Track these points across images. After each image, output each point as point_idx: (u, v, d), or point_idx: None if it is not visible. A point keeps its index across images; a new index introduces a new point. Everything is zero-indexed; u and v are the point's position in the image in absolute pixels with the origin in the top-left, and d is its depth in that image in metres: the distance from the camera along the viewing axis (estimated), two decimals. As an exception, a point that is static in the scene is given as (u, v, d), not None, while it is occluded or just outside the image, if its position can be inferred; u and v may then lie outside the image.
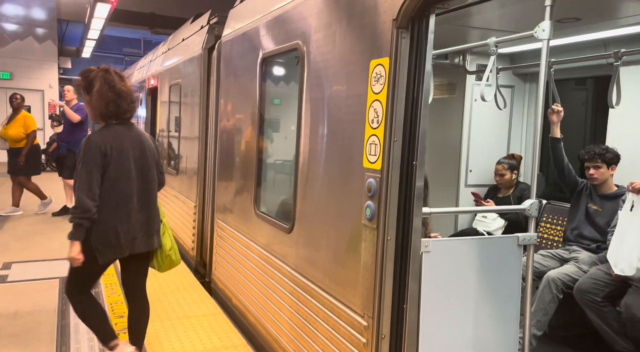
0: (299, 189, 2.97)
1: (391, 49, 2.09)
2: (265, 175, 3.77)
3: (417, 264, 2.14)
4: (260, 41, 3.61)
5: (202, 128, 5.39)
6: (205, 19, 5.56)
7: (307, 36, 2.88)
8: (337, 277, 2.51)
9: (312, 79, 2.84)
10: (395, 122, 2.11)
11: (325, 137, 2.68)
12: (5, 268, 4.83)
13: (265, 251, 3.48)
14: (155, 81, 8.17)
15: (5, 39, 15.11)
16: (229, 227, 4.33)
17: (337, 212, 2.54)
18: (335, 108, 2.58)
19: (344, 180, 2.49)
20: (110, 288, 4.43)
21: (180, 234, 6.18)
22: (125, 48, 22.60)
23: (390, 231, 2.15)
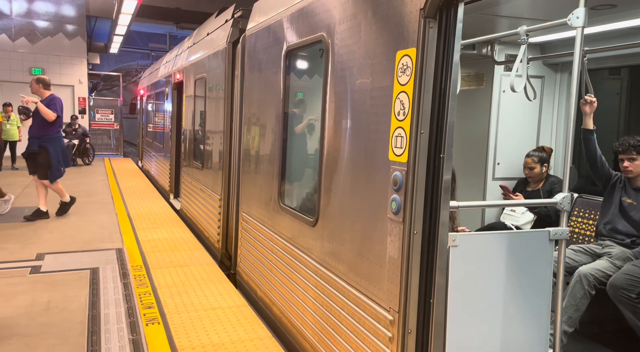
0: (324, 182, 2.95)
1: (418, 39, 2.05)
2: (289, 168, 3.77)
3: (444, 258, 2.11)
4: (285, 34, 3.60)
5: (227, 122, 5.43)
6: (230, 13, 5.58)
7: (332, 28, 2.85)
8: (362, 271, 2.49)
9: (336, 71, 2.81)
10: (422, 114, 2.07)
11: (349, 130, 2.66)
12: (38, 259, 4.98)
13: (289, 244, 3.49)
14: (181, 76, 8.26)
15: (37, 36, 15.51)
16: (253, 220, 4.36)
17: (362, 206, 2.51)
18: (360, 100, 2.55)
19: (369, 173, 2.47)
20: (138, 279, 4.52)
21: (206, 226, 6.26)
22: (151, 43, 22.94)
23: (417, 224, 2.12)
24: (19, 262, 4.86)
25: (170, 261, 5.17)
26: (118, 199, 8.64)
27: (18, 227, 6.22)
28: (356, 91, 2.58)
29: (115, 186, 10.13)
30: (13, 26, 15.17)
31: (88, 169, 12.99)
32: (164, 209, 8.05)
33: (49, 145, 6.63)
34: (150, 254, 5.38)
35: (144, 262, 5.06)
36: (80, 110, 16.16)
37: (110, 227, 6.50)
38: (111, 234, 6.16)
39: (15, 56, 15.27)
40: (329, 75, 2.89)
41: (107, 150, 19.06)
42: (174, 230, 6.57)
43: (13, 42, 15.19)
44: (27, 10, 15.30)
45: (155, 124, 12.08)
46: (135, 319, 3.62)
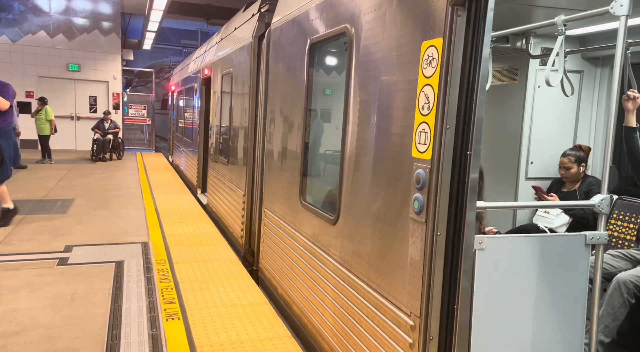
0: (345, 179, 2.86)
1: (445, 29, 1.92)
2: (311, 164, 3.69)
3: (469, 262, 1.98)
4: (309, 26, 3.51)
5: (252, 117, 5.39)
6: (256, 7, 5.53)
7: (356, 19, 2.74)
8: (382, 272, 2.38)
9: (360, 64, 2.70)
10: (447, 108, 1.95)
11: (372, 125, 2.55)
12: (66, 251, 5.07)
13: (310, 242, 3.41)
14: (209, 71, 8.30)
15: (74, 33, 15.94)
16: (275, 216, 4.30)
17: (383, 204, 2.41)
18: (383, 94, 2.44)
19: (391, 170, 2.35)
20: (161, 274, 4.54)
21: (230, 221, 6.26)
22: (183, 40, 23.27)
23: (441, 225, 2.00)
24: (48, 253, 4.96)
25: (194, 255, 5.18)
26: (147, 193, 8.76)
27: (51, 219, 6.37)
28: (380, 85, 2.47)
29: (145, 180, 10.29)
30: (52, 23, 15.63)
31: (119, 163, 13.28)
32: (191, 203, 8.12)
33: (1, 140, 5.68)
34: (175, 248, 5.40)
35: (168, 257, 5.08)
36: (114, 105, 16.53)
37: (137, 221, 6.58)
38: (138, 227, 6.24)
39: (54, 52, 15.73)
40: (352, 69, 2.78)
41: (140, 145, 19.45)
42: (199, 225, 6.60)
43: (52, 38, 15.66)
44: (65, 8, 15.74)
45: (185, 119, 12.23)
46: (155, 314, 3.61)
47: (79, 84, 16.31)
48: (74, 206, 7.26)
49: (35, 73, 15.57)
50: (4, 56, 15.17)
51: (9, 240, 5.31)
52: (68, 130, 16.10)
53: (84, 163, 12.74)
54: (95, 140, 13.54)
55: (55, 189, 8.58)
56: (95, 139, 13.56)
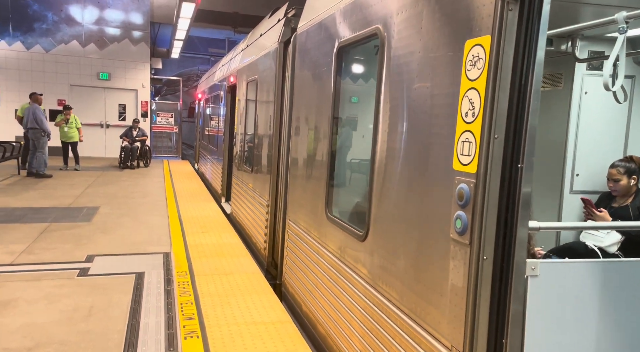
0: (375, 193, 2.63)
1: (494, 25, 1.69)
2: (338, 175, 3.47)
3: (520, 290, 1.73)
4: (337, 29, 3.31)
5: (276, 124, 5.22)
6: (282, 12, 5.38)
7: (389, 19, 2.53)
8: (418, 298, 2.14)
9: (392, 67, 2.48)
10: (496, 115, 1.71)
11: (406, 134, 2.32)
12: (88, 261, 4.99)
13: (336, 259, 3.19)
14: (234, 78, 8.21)
15: (105, 42, 16.24)
16: (299, 229, 4.10)
17: (419, 222, 2.17)
18: (419, 100, 2.21)
19: (427, 184, 2.12)
20: (182, 287, 4.38)
21: (254, 232, 6.09)
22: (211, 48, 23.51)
23: (487, 248, 1.75)
24: (69, 263, 4.87)
25: (215, 267, 5.02)
26: (171, 201, 8.71)
27: (75, 228, 6.33)
28: (415, 90, 2.25)
29: (170, 188, 10.27)
30: (84, 33, 15.97)
31: (146, 170, 13.35)
32: (215, 212, 8.00)
33: None
34: (197, 259, 5.26)
35: (190, 269, 4.93)
36: (142, 113, 16.72)
37: (160, 230, 6.48)
38: (160, 237, 6.13)
39: (85, 61, 16.05)
40: (384, 72, 2.57)
41: (167, 153, 19.63)
42: (222, 235, 6.46)
43: (83, 48, 15.98)
44: (97, 18, 16.06)
45: (211, 127, 12.22)
46: (174, 331, 3.45)
47: (108, 92, 16.58)
48: (98, 214, 7.23)
49: (67, 82, 15.90)
50: (37, 65, 15.56)
51: (31, 249, 5.27)
52: (97, 137, 16.36)
53: (112, 170, 12.86)
54: (123, 147, 13.67)
55: (81, 197, 8.61)
56: (123, 146, 13.70)
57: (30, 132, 10.60)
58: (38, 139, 10.59)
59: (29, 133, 10.62)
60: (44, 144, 10.71)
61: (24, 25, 15.32)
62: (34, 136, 10.57)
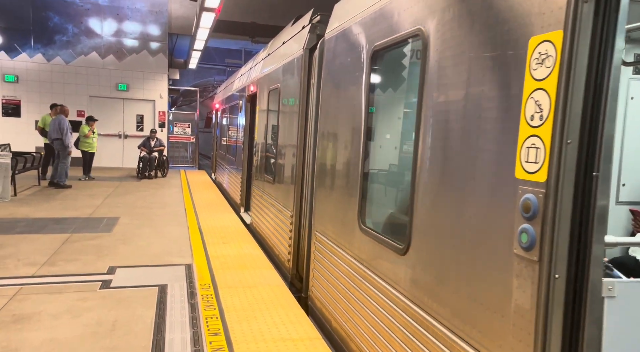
0: (418, 203, 2.47)
1: (566, 19, 1.54)
2: (372, 184, 3.32)
3: (596, 312, 1.55)
4: (370, 32, 3.18)
5: (301, 133, 5.10)
6: (307, 18, 5.29)
7: (432, 19, 2.39)
8: (472, 318, 1.97)
9: (437, 69, 2.34)
10: (569, 118, 1.55)
11: (455, 140, 2.16)
12: (110, 273, 4.89)
13: (371, 273, 3.02)
14: (255, 88, 8.14)
15: (124, 54, 16.40)
16: (328, 241, 3.94)
17: (472, 235, 2.00)
18: (471, 103, 2.06)
19: (482, 194, 1.95)
20: (206, 300, 4.25)
21: (276, 243, 5.95)
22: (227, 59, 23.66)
23: (560, 265, 1.58)
24: (91, 275, 4.78)
25: (238, 280, 4.88)
26: (190, 211, 8.62)
27: (96, 239, 6.26)
28: (466, 92, 2.09)
29: (188, 198, 10.21)
30: (103, 45, 16.15)
31: (164, 180, 13.34)
32: (235, 222, 7.89)
33: None
34: (219, 271, 5.12)
35: (213, 281, 4.80)
36: (159, 123, 16.80)
37: (181, 241, 6.38)
38: (181, 248, 6.03)
39: (104, 73, 16.20)
40: (428, 74, 2.42)
41: (184, 163, 19.68)
42: (243, 246, 6.33)
43: (102, 59, 16.15)
44: (116, 30, 16.24)
45: (229, 136, 12.17)
46: (200, 348, 3.30)
47: (127, 103, 16.70)
48: (119, 224, 7.16)
49: (87, 93, 16.06)
50: (57, 77, 15.75)
51: (53, 260, 5.19)
52: (115, 148, 16.46)
53: (130, 180, 12.87)
54: (142, 158, 13.69)
55: (101, 207, 8.57)
56: (141, 156, 13.73)
57: (55, 143, 10.66)
58: (63, 150, 10.65)
59: (55, 143, 10.68)
60: (67, 155, 10.76)
61: (45, 38, 15.55)
62: (60, 147, 10.63)
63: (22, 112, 15.48)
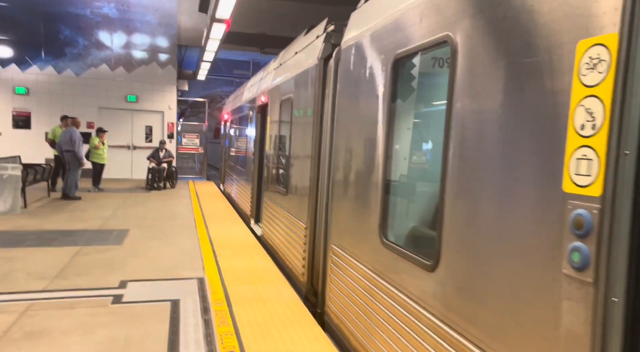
0: (448, 218, 2.35)
1: (622, 21, 1.43)
2: (395, 196, 3.20)
3: (658, 340, 1.41)
4: (393, 40, 3.09)
5: (315, 144, 5.00)
6: (322, 28, 5.22)
7: (463, 24, 2.29)
8: (515, 343, 1.83)
9: (469, 76, 2.23)
10: (626, 127, 1.43)
11: (491, 150, 2.05)
12: (121, 287, 4.78)
13: (395, 290, 2.89)
14: (266, 98, 8.08)
15: (133, 65, 16.48)
16: (346, 255, 3.82)
17: (513, 251, 1.88)
18: (507, 111, 1.95)
19: (523, 207, 1.83)
20: (220, 316, 4.13)
21: (289, 256, 5.82)
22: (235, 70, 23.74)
23: (618, 288, 1.45)
24: (102, 289, 4.68)
25: (252, 294, 4.76)
26: (200, 223, 8.53)
27: (106, 251, 6.17)
28: (501, 99, 1.98)
29: (198, 209, 10.12)
30: (113, 57, 16.24)
31: (173, 192, 13.29)
32: (245, 234, 7.78)
33: None
34: (232, 285, 5.00)
35: (226, 295, 4.68)
36: (168, 134, 16.80)
37: (192, 253, 6.28)
38: (193, 260, 5.92)
39: (114, 84, 16.28)
40: (457, 82, 2.32)
41: (191, 173, 19.66)
42: (255, 258, 6.21)
43: (112, 71, 16.23)
44: (126, 42, 16.34)
45: (238, 147, 12.11)
46: (216, 367, 3.18)
47: (136, 114, 16.74)
48: (129, 237, 7.08)
49: (96, 104, 16.12)
50: (68, 89, 15.83)
51: (64, 274, 5.10)
52: (124, 159, 16.47)
53: (139, 192, 12.83)
54: (151, 169, 13.67)
55: (111, 219, 8.50)
56: (150, 168, 13.70)
57: (66, 155, 10.65)
58: (74, 162, 10.63)
59: (66, 155, 10.67)
60: (77, 168, 10.75)
61: (56, 50, 15.66)
62: (71, 158, 10.61)
63: (32, 124, 15.55)
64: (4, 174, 8.52)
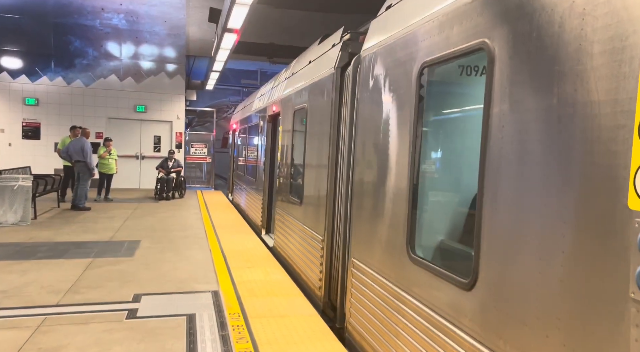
0: (487, 232, 2.24)
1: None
2: (423, 207, 3.08)
3: None
4: (419, 47, 2.99)
5: (332, 154, 4.90)
6: (338, 36, 5.15)
7: (502, 31, 2.19)
8: (571, 369, 1.71)
9: (510, 85, 2.13)
10: None
11: (538, 163, 1.94)
12: (135, 301, 4.68)
13: (426, 308, 2.77)
14: (277, 107, 8.01)
15: (142, 76, 16.52)
16: (369, 269, 3.70)
17: (564, 271, 1.76)
18: (555, 120, 1.84)
19: (578, 224, 1.72)
20: (237, 331, 4.01)
21: (304, 269, 5.70)
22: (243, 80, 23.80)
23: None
24: (116, 303, 4.58)
25: (268, 308, 4.64)
26: (211, 234, 8.43)
27: (118, 263, 6.08)
28: (549, 108, 1.88)
29: (207, 220, 10.03)
30: (122, 67, 16.30)
31: (182, 202, 13.22)
32: (257, 245, 7.67)
33: None
34: (247, 299, 4.89)
35: (242, 310, 4.57)
36: (177, 144, 16.79)
37: (204, 265, 6.17)
38: (206, 273, 5.81)
39: (123, 95, 16.32)
40: (496, 91, 2.21)
41: (199, 183, 19.63)
42: (268, 270, 6.10)
43: (121, 81, 16.28)
44: (135, 53, 16.41)
45: (248, 157, 12.04)
46: (237, 387, 3.06)
47: (144, 124, 16.76)
48: (140, 248, 6.99)
49: (105, 115, 16.15)
50: (77, 99, 15.88)
51: (76, 288, 5.01)
52: (133, 169, 16.45)
53: (148, 202, 12.77)
54: (159, 179, 13.63)
55: (121, 230, 8.43)
56: (159, 178, 13.66)
57: (77, 165, 10.62)
58: (84, 173, 10.59)
59: (76, 166, 10.65)
60: (87, 178, 10.72)
61: (66, 61, 15.74)
62: (81, 169, 10.58)
63: (42, 135, 15.58)
64: (15, 185, 8.48)
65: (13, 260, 6.03)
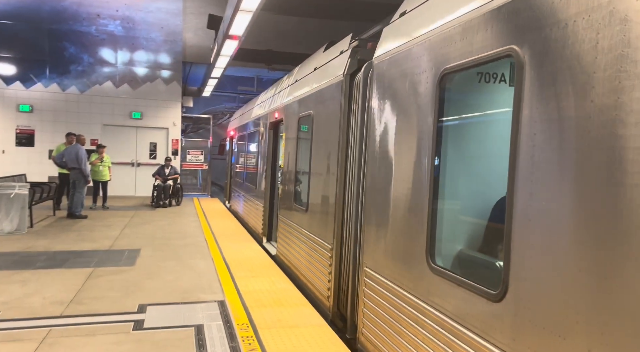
0: (517, 242, 2.19)
1: None
2: (443, 214, 3.03)
3: None
4: (439, 54, 2.96)
5: (342, 161, 4.85)
6: (346, 43, 5.12)
7: (531, 36, 2.16)
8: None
9: (540, 92, 2.09)
10: None
11: (571, 168, 1.90)
12: (140, 311, 4.58)
13: (450, 320, 2.71)
14: (279, 114, 7.96)
15: (138, 82, 16.41)
16: (385, 279, 3.64)
17: (610, 285, 1.71)
18: (595, 126, 1.80)
19: (621, 235, 1.68)
20: (247, 343, 3.93)
21: (311, 278, 5.63)
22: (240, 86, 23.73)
23: None
24: (121, 314, 4.47)
25: (277, 319, 4.56)
26: (212, 242, 8.34)
27: (120, 273, 5.97)
28: (587, 116, 1.84)
29: (207, 228, 9.93)
30: (117, 74, 16.19)
31: (178, 209, 13.10)
32: (259, 253, 7.59)
33: None
34: (255, 309, 4.80)
35: (250, 320, 4.48)
36: (173, 151, 16.66)
37: (208, 275, 6.08)
38: (210, 282, 5.72)
39: (118, 101, 16.19)
40: (525, 98, 2.18)
41: (194, 190, 19.49)
42: (273, 279, 6.02)
43: (117, 88, 16.15)
44: (130, 59, 16.30)
45: (247, 164, 11.96)
46: (254, 402, 2.98)
47: (140, 131, 16.62)
48: (141, 257, 6.88)
49: (100, 121, 16.00)
50: (72, 106, 15.73)
51: (79, 298, 4.89)
52: (128, 176, 16.28)
53: (145, 209, 12.63)
54: (156, 186, 13.50)
55: (120, 238, 8.30)
56: (156, 185, 13.53)
57: (72, 173, 10.48)
58: (79, 180, 10.45)
59: (71, 173, 10.50)
60: (83, 185, 10.58)
61: (61, 68, 15.60)
62: (76, 176, 10.44)
63: (36, 142, 15.39)
64: (11, 193, 8.34)
65: (12, 270, 5.90)
